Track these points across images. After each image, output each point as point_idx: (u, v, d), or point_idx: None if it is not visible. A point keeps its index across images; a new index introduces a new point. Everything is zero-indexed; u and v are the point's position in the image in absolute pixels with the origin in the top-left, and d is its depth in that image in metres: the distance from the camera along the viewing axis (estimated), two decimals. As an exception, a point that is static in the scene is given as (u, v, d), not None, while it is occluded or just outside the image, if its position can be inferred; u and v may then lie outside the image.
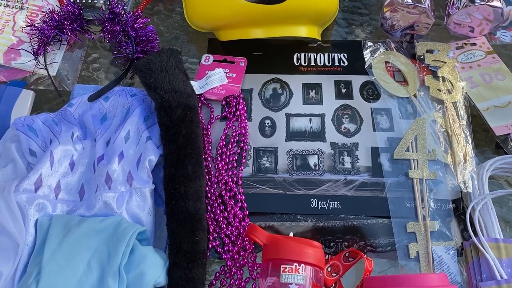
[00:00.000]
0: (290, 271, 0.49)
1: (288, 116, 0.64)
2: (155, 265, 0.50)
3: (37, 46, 0.67)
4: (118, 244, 0.50)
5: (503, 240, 0.54)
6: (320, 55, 0.69)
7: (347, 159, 0.60)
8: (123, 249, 0.49)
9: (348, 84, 0.66)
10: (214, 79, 0.65)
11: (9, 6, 0.72)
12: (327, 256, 0.56)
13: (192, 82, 0.62)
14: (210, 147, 0.61)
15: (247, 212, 0.57)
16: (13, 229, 0.50)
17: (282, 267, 0.49)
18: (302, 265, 0.49)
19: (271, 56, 0.69)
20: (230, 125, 0.63)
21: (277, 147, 0.61)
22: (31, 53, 0.67)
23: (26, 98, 0.64)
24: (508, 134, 0.61)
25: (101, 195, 0.53)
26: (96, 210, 0.53)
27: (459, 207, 0.58)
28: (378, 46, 0.69)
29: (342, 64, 0.68)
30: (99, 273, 0.49)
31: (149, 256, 0.51)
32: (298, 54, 0.69)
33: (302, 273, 0.49)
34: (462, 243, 0.56)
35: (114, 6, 0.68)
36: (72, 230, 0.51)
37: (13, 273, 0.49)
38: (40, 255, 0.49)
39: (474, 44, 0.70)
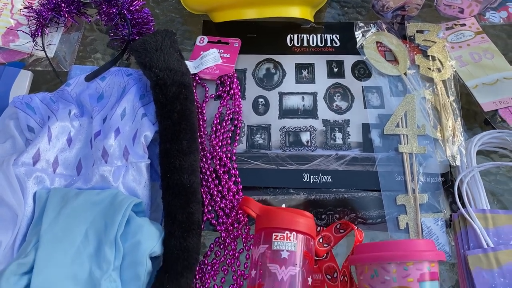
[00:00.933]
0: (281, 238, 0.50)
1: (281, 94, 0.65)
2: (151, 235, 0.52)
3: (34, 28, 0.68)
4: (115, 215, 0.51)
5: (490, 211, 0.55)
6: (312, 36, 0.70)
7: (339, 135, 0.62)
8: (119, 219, 0.51)
9: (340, 64, 0.67)
10: (208, 59, 0.66)
11: (7, -10, 0.73)
12: (318, 228, 0.57)
13: (186, 62, 0.64)
14: (205, 125, 0.63)
15: (241, 186, 0.59)
16: (12, 200, 0.52)
17: (274, 235, 0.50)
18: (294, 233, 0.50)
19: (264, 37, 0.70)
20: (224, 103, 0.64)
21: (270, 125, 0.63)
22: (29, 34, 0.68)
23: (24, 78, 0.65)
24: (496, 110, 0.62)
25: (98, 169, 0.55)
26: (93, 183, 0.55)
27: (447, 180, 0.59)
28: (370, 27, 0.70)
29: (334, 44, 0.69)
30: (96, 243, 0.51)
31: (145, 226, 0.52)
32: (291, 35, 0.70)
33: (293, 241, 0.50)
34: (450, 215, 0.57)
35: (110, -12, 0.69)
36: (69, 202, 0.52)
37: (13, 242, 0.51)
38: (38, 225, 0.51)
39: (464, 25, 0.71)
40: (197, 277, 0.55)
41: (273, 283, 0.48)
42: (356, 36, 0.69)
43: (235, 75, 0.66)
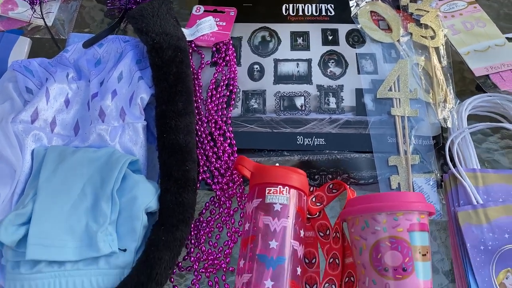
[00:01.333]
0: (274, 192, 0.51)
1: (276, 61, 0.66)
2: (147, 191, 0.53)
3: (33, -3, 0.69)
4: (111, 171, 0.52)
5: (480, 170, 0.56)
6: (308, 5, 0.71)
7: (332, 99, 0.63)
8: (116, 175, 0.52)
9: (335, 32, 0.68)
10: (204, 26, 0.67)
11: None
12: (312, 188, 0.58)
13: (183, 30, 0.65)
14: (201, 90, 0.64)
15: (236, 148, 0.60)
16: (11, 156, 0.53)
17: (267, 190, 0.51)
18: (286, 187, 0.51)
19: (260, 7, 0.71)
20: (220, 69, 0.65)
21: (265, 90, 0.64)
22: (27, 2, 0.69)
23: (23, 45, 0.66)
24: (487, 75, 0.63)
25: (95, 128, 0.56)
26: (90, 142, 0.56)
27: (439, 142, 0.60)
28: (364, -2, 0.72)
29: (329, 14, 0.70)
30: (93, 198, 0.52)
31: (141, 182, 0.53)
32: (287, 5, 0.71)
33: (286, 195, 0.51)
34: (441, 176, 0.59)
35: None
36: (67, 158, 0.53)
37: (11, 196, 0.52)
38: (36, 179, 0.52)
39: (457, -5, 0.72)
40: (192, 233, 0.56)
41: (266, 234, 0.49)
42: (351, 6, 0.70)
43: (231, 42, 0.67)
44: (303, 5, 0.71)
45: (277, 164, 0.57)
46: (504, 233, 0.52)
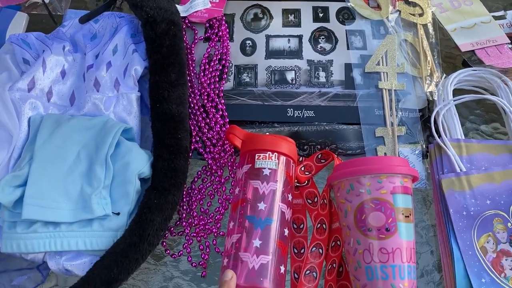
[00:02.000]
0: (264, 158, 0.53)
1: (268, 37, 0.67)
2: (140, 157, 0.54)
3: (30, -26, 0.71)
4: (105, 137, 0.54)
5: (464, 140, 0.58)
6: (299, -16, 0.73)
7: (322, 74, 0.64)
8: (110, 141, 0.53)
9: (325, 9, 0.69)
10: (198, 3, 0.69)
11: None
12: (301, 158, 0.60)
13: (177, 6, 0.66)
14: (194, 65, 0.65)
15: (228, 120, 0.61)
16: (8, 122, 0.54)
17: (257, 156, 0.53)
18: (275, 153, 0.53)
19: (253, -15, 0.72)
20: (213, 45, 0.66)
21: (257, 64, 0.65)
22: (25, -21, 0.70)
23: (20, 20, 0.68)
24: (473, 51, 0.65)
25: (90, 97, 0.57)
26: (86, 111, 0.57)
27: (425, 115, 0.62)
28: (355, -23, 0.73)
29: (320, -8, 0.72)
30: (87, 163, 0.53)
31: (134, 149, 0.55)
32: (279, -17, 0.73)
33: (274, 160, 0.53)
34: (427, 147, 0.60)
35: None
36: (62, 125, 0.55)
37: (8, 160, 0.53)
38: (33, 144, 0.53)
39: (446, -25, 0.74)
40: (184, 200, 0.57)
41: (255, 197, 0.51)
42: (341, -16, 0.72)
43: (224, 18, 0.68)
44: (295, -17, 0.73)
45: (267, 133, 0.59)
46: (486, 199, 0.54)
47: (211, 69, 0.64)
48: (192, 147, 0.60)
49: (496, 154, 0.57)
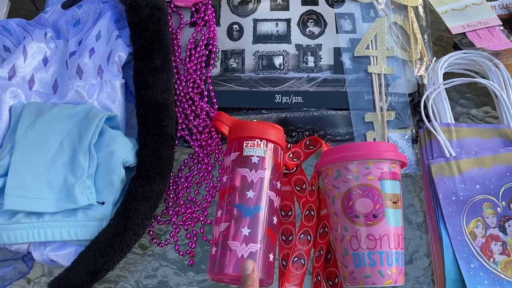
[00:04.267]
0: (252, 145, 0.52)
1: (256, 21, 0.66)
2: (125, 146, 0.53)
3: (11, -42, 0.68)
4: (88, 125, 0.53)
5: (454, 125, 0.57)
6: (287, -34, 0.71)
7: (311, 58, 0.63)
8: (93, 129, 0.52)
9: (314, -8, 0.68)
10: (183, -13, 0.67)
11: None
12: (289, 145, 0.59)
13: (162, -10, 0.65)
14: (180, 50, 0.64)
15: (216, 107, 0.60)
16: (-12, 111, 0.53)
17: (245, 143, 0.52)
18: (264, 141, 0.52)
19: (240, -32, 0.71)
20: (199, 29, 0.65)
21: (244, 49, 0.64)
22: (5, -37, 0.68)
23: (1, 6, 0.66)
24: (464, 33, 0.64)
25: (72, 84, 0.56)
26: (68, 99, 0.56)
27: (415, 99, 0.61)
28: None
29: (308, -25, 0.70)
30: (70, 152, 0.52)
31: (118, 137, 0.54)
32: (267, -34, 0.71)
33: (263, 148, 0.52)
34: (417, 132, 0.59)
35: None
36: (44, 113, 0.54)
37: (-12, 150, 0.52)
38: (14, 134, 0.52)
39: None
40: (171, 188, 0.57)
41: (243, 185, 0.50)
42: (330, -34, 0.70)
43: (210, 2, 0.66)
44: (283, -34, 0.71)
45: (255, 120, 0.58)
46: (475, 184, 0.54)
47: (197, 55, 0.63)
48: (178, 134, 0.59)
49: (486, 138, 0.56)
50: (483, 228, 0.52)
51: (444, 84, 0.59)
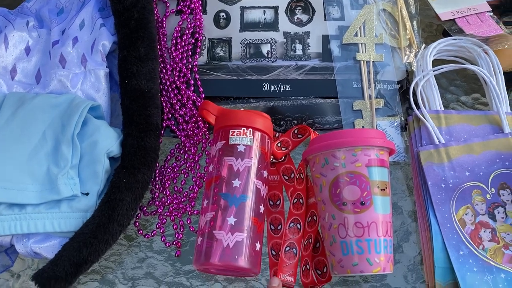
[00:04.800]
0: (238, 134, 0.51)
1: (243, 9, 0.65)
2: (109, 136, 0.52)
3: None
4: (72, 115, 0.52)
5: (443, 112, 0.57)
6: (275, -47, 0.70)
7: (299, 46, 0.62)
8: (76, 119, 0.51)
9: (302, -21, 0.67)
10: (169, -26, 0.66)
11: None
12: (277, 134, 0.58)
13: (147, -22, 0.63)
14: (165, 39, 0.63)
15: (203, 96, 0.59)
16: (-32, 101, 0.52)
17: (231, 132, 0.51)
18: (250, 129, 0.51)
19: (226, -45, 0.70)
20: (185, 17, 0.64)
21: (231, 37, 0.63)
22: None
23: (-18, -5, 0.65)
24: (453, 19, 0.63)
25: (55, 74, 0.55)
26: (51, 88, 0.55)
27: (404, 86, 0.60)
28: None
29: (296, -39, 0.69)
30: (53, 143, 0.51)
31: (102, 127, 0.53)
32: (254, -47, 0.70)
33: (249, 136, 0.51)
34: (406, 119, 0.59)
35: None
36: (26, 103, 0.52)
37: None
38: (-6, 124, 0.51)
39: None
40: (157, 179, 0.56)
41: (229, 174, 0.49)
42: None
43: (196, -11, 0.65)
44: (270, -47, 0.70)
45: (242, 108, 0.57)
46: (464, 171, 0.53)
47: (183, 43, 0.62)
48: (164, 124, 0.58)
49: (475, 125, 0.56)
50: (472, 215, 0.52)
51: (433, 71, 0.58)
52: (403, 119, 0.59)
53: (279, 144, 0.57)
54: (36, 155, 0.50)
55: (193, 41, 0.62)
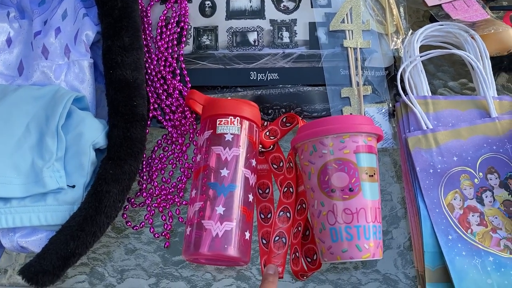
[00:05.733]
0: (225, 123, 0.50)
1: (228, -4, 0.64)
2: (94, 127, 0.52)
3: None
4: (56, 107, 0.51)
5: (430, 97, 0.56)
6: None
7: (286, 34, 0.62)
8: (60, 111, 0.50)
9: (288, -34, 0.66)
10: (152, -38, 0.65)
11: None
12: (266, 123, 0.58)
13: (130, -34, 0.62)
14: (150, 28, 0.62)
15: (190, 85, 0.58)
16: None
17: (218, 121, 0.51)
18: (237, 118, 0.51)
19: None
20: (170, 6, 0.63)
21: (217, 26, 0.62)
22: None
23: (-39, -14, 0.63)
24: (440, 4, 0.63)
25: (38, 65, 0.54)
26: (34, 80, 0.54)
27: (391, 73, 0.60)
28: None
29: None
30: (38, 135, 0.50)
31: (87, 119, 0.52)
32: None
33: (237, 125, 0.51)
34: (394, 106, 0.59)
35: None
36: (8, 95, 0.51)
37: (-50, 135, 0.50)
38: (-24, 117, 0.50)
39: None
40: (144, 170, 0.55)
41: (217, 163, 0.49)
42: None
43: (181, -22, 0.64)
44: None
45: (229, 97, 0.56)
46: (453, 156, 0.53)
47: (168, 32, 0.61)
48: (151, 114, 0.57)
49: (463, 109, 0.56)
50: (460, 200, 0.52)
51: (420, 57, 0.58)
52: (391, 105, 0.59)
53: (267, 133, 0.57)
54: (20, 148, 0.49)
55: (179, 30, 0.62)
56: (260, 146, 0.56)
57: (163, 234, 0.53)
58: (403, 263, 0.52)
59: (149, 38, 0.61)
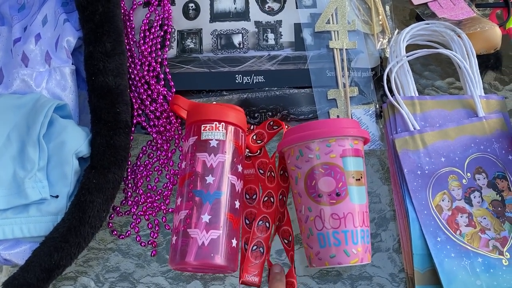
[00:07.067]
0: (210, 129, 0.50)
1: (212, -2, 0.63)
2: (76, 135, 0.51)
3: None
4: (37, 116, 0.50)
5: (417, 98, 0.56)
6: None
7: (271, 36, 0.61)
8: (42, 120, 0.49)
9: (272, -33, 0.65)
10: (134, -35, 0.63)
11: None
12: (252, 126, 0.57)
13: (112, -31, 0.61)
14: (133, 32, 0.61)
15: (174, 90, 0.57)
16: None
17: (203, 126, 0.50)
18: (222, 123, 0.50)
19: None
20: (153, 9, 0.62)
21: (201, 29, 0.61)
22: None
23: None
24: (426, 3, 0.62)
25: (18, 73, 0.53)
26: (14, 88, 0.53)
27: (378, 73, 0.60)
28: None
29: None
30: (19, 145, 0.49)
31: (69, 127, 0.51)
32: None
33: (222, 131, 0.50)
34: (381, 107, 0.58)
35: None
36: (-13, 105, 0.50)
37: None
38: (-45, 128, 0.49)
39: None
40: (129, 178, 0.54)
41: (202, 170, 0.48)
42: None
43: (163, -20, 0.63)
44: None
45: (214, 102, 0.56)
46: (440, 156, 0.53)
47: (151, 36, 0.60)
48: (135, 121, 0.56)
49: (450, 109, 0.56)
50: (449, 201, 0.51)
51: (407, 57, 0.58)
52: (378, 106, 0.58)
53: (254, 137, 0.56)
54: (0, 159, 0.48)
55: (162, 33, 0.61)
56: (247, 151, 0.55)
57: (150, 242, 0.52)
58: (392, 266, 0.52)
59: (132, 43, 0.60)
